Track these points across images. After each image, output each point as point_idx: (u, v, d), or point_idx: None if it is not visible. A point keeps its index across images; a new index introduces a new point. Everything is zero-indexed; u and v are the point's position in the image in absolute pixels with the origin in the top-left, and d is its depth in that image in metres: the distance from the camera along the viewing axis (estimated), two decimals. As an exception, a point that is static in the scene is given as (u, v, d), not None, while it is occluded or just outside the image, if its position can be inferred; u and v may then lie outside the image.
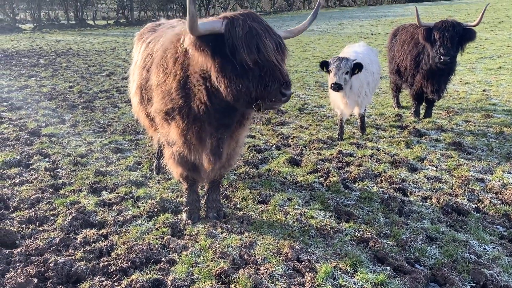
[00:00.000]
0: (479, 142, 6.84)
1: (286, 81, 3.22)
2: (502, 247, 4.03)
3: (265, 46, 3.18)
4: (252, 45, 3.16)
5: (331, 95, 6.96)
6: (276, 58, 3.22)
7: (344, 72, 6.12)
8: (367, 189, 5.28)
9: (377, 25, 31.97)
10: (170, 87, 3.76)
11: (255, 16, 3.33)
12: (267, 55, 3.18)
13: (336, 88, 6.06)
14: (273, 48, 3.21)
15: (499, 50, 16.82)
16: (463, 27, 7.19)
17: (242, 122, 3.93)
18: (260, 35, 3.19)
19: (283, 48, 3.31)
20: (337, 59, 6.17)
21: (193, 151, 3.96)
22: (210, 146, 3.79)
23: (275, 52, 3.22)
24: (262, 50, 3.18)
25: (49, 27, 37.35)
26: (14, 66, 15.62)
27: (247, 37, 3.17)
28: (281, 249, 3.94)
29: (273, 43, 3.23)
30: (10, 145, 6.83)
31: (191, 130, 3.79)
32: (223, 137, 3.78)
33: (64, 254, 3.89)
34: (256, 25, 3.22)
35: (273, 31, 3.33)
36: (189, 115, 3.73)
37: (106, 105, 9.77)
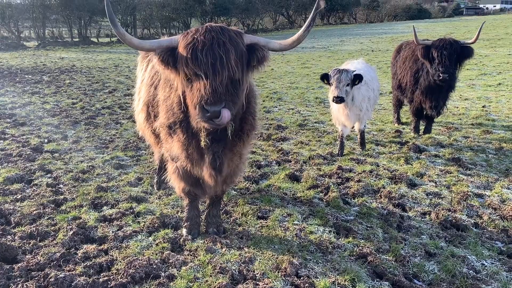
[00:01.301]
0: (478, 158, 6.87)
1: (207, 97, 3.13)
2: (501, 262, 4.04)
3: (197, 60, 3.16)
4: (185, 58, 3.21)
5: (333, 109, 7.03)
6: (206, 73, 3.15)
7: (345, 85, 6.19)
8: (367, 204, 5.31)
9: (378, 42, 32.28)
10: (173, 101, 3.84)
11: (213, 29, 3.27)
12: (195, 69, 3.17)
13: (338, 100, 6.14)
14: (206, 62, 3.14)
15: (499, 66, 16.96)
16: (460, 44, 7.31)
17: (241, 137, 3.89)
18: (196, 48, 3.18)
19: (224, 64, 3.16)
20: (337, 72, 6.23)
21: (195, 165, 3.99)
22: (208, 160, 3.80)
23: (209, 67, 3.14)
24: (190, 63, 3.18)
25: (53, 44, 37.79)
26: (18, 83, 15.78)
27: (186, 49, 3.22)
28: (280, 265, 3.95)
29: (211, 56, 3.15)
30: (13, 161, 6.89)
31: (191, 144, 3.83)
32: (219, 151, 3.76)
33: (65, 269, 3.91)
34: (202, 38, 3.19)
35: (224, 45, 3.20)
36: (188, 129, 3.77)
37: (109, 121, 9.86)
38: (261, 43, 3.50)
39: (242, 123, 3.84)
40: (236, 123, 3.71)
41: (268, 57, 3.48)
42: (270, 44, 3.56)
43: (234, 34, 3.33)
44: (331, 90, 6.29)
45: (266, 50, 3.48)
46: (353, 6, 70.14)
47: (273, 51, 3.58)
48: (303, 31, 3.55)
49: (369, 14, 73.49)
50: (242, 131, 3.89)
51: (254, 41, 3.49)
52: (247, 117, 3.87)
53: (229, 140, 3.73)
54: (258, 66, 3.49)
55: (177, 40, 3.39)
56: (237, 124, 3.73)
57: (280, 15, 62.51)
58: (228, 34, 3.28)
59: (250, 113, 3.93)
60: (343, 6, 67.76)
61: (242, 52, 3.32)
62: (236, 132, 3.78)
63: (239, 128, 3.83)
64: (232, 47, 3.23)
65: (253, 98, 4.03)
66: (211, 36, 3.21)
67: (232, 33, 3.32)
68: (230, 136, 3.60)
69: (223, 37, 3.22)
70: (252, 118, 3.95)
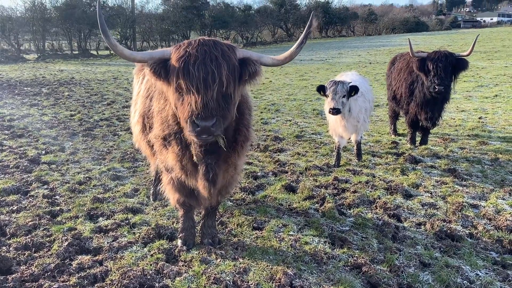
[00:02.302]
0: (474, 168, 6.90)
1: (198, 111, 3.13)
2: (495, 272, 4.04)
3: (188, 74, 3.17)
4: (177, 71, 3.23)
5: (330, 120, 7.07)
6: (198, 87, 3.15)
7: (341, 96, 6.23)
8: (362, 215, 5.32)
9: (375, 54, 32.50)
10: (168, 113, 3.84)
11: (205, 43, 3.29)
12: (186, 83, 3.18)
13: (334, 112, 6.17)
14: (197, 76, 3.14)
15: (495, 78, 17.07)
16: (455, 57, 7.37)
17: (235, 148, 3.90)
18: (188, 62, 3.19)
19: (215, 78, 3.16)
20: (333, 83, 6.27)
21: (189, 176, 4.00)
22: (202, 172, 3.80)
23: (200, 81, 3.14)
24: (182, 76, 3.19)
25: (52, 57, 37.97)
26: (17, 95, 15.84)
27: (178, 62, 3.23)
28: (275, 275, 3.95)
29: (203, 70, 3.16)
30: (10, 173, 6.90)
31: (185, 155, 3.84)
32: (212, 162, 3.75)
33: (59, 280, 3.91)
34: (195, 52, 3.21)
35: (216, 59, 3.21)
36: (182, 141, 3.78)
37: (106, 133, 9.88)
38: (254, 57, 3.52)
39: (236, 134, 3.85)
40: (230, 134, 3.71)
41: (260, 72, 3.49)
42: (262, 59, 3.57)
43: (226, 48, 3.34)
44: (327, 101, 6.33)
45: (258, 65, 3.49)
46: (351, 19, 70.75)
47: (265, 66, 3.59)
48: (296, 48, 3.58)
49: (367, 27, 74.16)
50: (236, 142, 3.89)
51: (246, 55, 3.51)
52: (240, 128, 3.88)
53: (222, 151, 3.73)
54: (250, 81, 3.50)
55: (169, 52, 3.41)
56: (230, 136, 3.74)
57: (278, 28, 62.97)
58: (221, 48, 3.29)
59: (244, 124, 3.93)
60: (341, 19, 68.43)
61: (234, 67, 3.32)
62: (230, 143, 3.78)
63: (233, 140, 3.83)
64: (224, 61, 3.24)
65: (247, 110, 4.03)
66: (204, 50, 3.22)
67: (225, 47, 3.33)
68: (224, 147, 3.59)
69: (215, 51, 3.23)
70: (246, 130, 3.96)
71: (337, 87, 6.20)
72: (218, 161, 3.80)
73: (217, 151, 3.69)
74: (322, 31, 68.50)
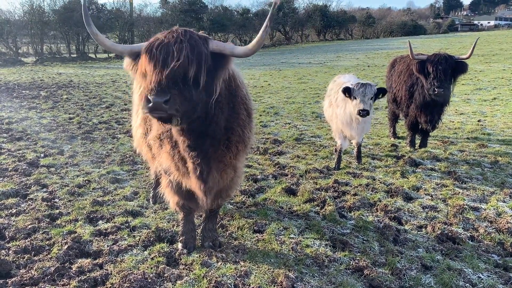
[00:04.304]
0: (474, 171, 6.90)
1: (151, 87, 3.14)
2: (497, 275, 4.03)
3: (151, 54, 3.21)
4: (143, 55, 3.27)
5: (335, 121, 7.04)
6: (155, 67, 3.18)
7: (370, 98, 6.26)
8: (363, 218, 5.30)
9: (374, 57, 32.56)
10: None
11: (176, 30, 3.34)
12: (146, 64, 3.23)
13: (364, 114, 6.19)
14: (158, 56, 3.18)
15: (494, 81, 17.11)
16: (455, 60, 7.38)
17: (228, 147, 3.89)
18: (153, 46, 3.25)
19: (174, 58, 3.16)
20: (361, 85, 6.28)
21: (185, 177, 3.99)
22: (191, 169, 3.79)
23: (160, 60, 3.17)
24: (144, 58, 3.25)
25: (51, 60, 37.88)
26: (15, 98, 15.80)
27: (145, 48, 3.28)
28: (276, 278, 3.93)
29: (164, 52, 3.19)
30: (8, 176, 6.87)
31: (176, 153, 3.86)
32: (198, 159, 3.73)
33: (59, 283, 3.88)
34: (162, 37, 3.28)
35: (180, 42, 3.23)
36: (172, 138, 3.82)
37: (105, 136, 9.86)
38: (227, 49, 3.47)
39: (229, 133, 3.85)
40: (217, 131, 3.73)
41: (230, 63, 3.51)
42: (235, 50, 3.51)
43: (197, 36, 3.35)
44: (355, 103, 6.30)
45: (230, 58, 3.49)
46: (349, 23, 70.89)
47: (238, 56, 3.53)
48: (261, 33, 3.46)
49: (365, 30, 74.35)
50: (229, 141, 3.88)
51: (220, 47, 3.48)
52: (234, 128, 3.87)
53: (209, 149, 3.74)
54: (222, 71, 3.48)
55: None
56: (218, 133, 3.75)
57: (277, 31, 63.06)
58: (190, 34, 3.30)
59: (239, 124, 3.92)
60: (339, 22, 68.55)
61: (201, 52, 3.27)
62: (222, 141, 3.81)
63: (225, 138, 3.84)
64: (189, 45, 3.23)
65: (243, 111, 4.01)
66: (171, 35, 3.26)
67: (195, 35, 3.34)
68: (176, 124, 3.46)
69: (182, 37, 3.25)
70: (241, 130, 3.94)
71: (365, 89, 6.23)
72: (207, 158, 3.78)
73: (200, 147, 3.70)
74: (320, 34, 68.64)
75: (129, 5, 47.68)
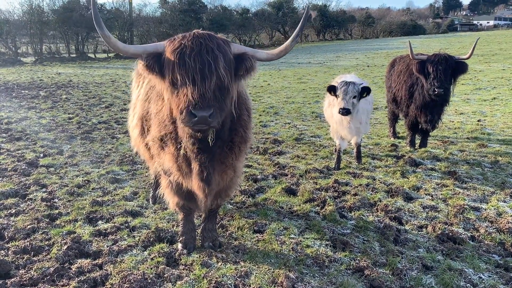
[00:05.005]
0: (474, 171, 6.89)
1: (195, 101, 3.09)
2: (498, 275, 4.02)
3: (184, 65, 3.14)
4: (172, 63, 3.20)
5: (332, 122, 7.02)
6: (194, 78, 3.12)
7: (352, 97, 6.20)
8: (363, 218, 5.29)
9: (373, 57, 32.55)
10: (164, 114, 3.82)
11: (201, 35, 3.27)
12: (183, 74, 3.15)
13: (344, 112, 6.14)
14: (194, 67, 3.12)
15: (493, 81, 17.12)
16: (455, 60, 7.37)
17: (231, 148, 3.88)
18: (184, 53, 3.16)
19: (212, 70, 3.15)
20: (344, 84, 6.24)
21: (186, 177, 3.97)
22: (196, 171, 3.76)
23: (197, 72, 3.12)
24: (177, 68, 3.16)
25: (50, 60, 37.80)
26: (15, 98, 15.77)
27: (173, 54, 3.20)
28: (276, 279, 3.92)
29: (199, 61, 3.14)
30: (8, 176, 6.85)
31: (180, 155, 3.82)
32: (206, 161, 3.70)
33: (58, 284, 3.87)
34: (190, 44, 3.19)
35: (212, 51, 3.19)
36: (177, 140, 3.77)
37: (105, 136, 9.84)
38: (249, 53, 3.51)
39: (232, 134, 3.83)
40: (225, 133, 3.71)
41: (255, 67, 3.48)
42: (257, 54, 3.56)
43: (222, 41, 3.34)
44: (338, 102, 6.29)
45: (254, 60, 3.48)
46: (349, 22, 70.88)
47: (260, 60, 3.57)
48: (291, 41, 3.57)
49: (364, 30, 74.33)
50: (232, 143, 3.87)
51: (242, 50, 3.50)
52: (237, 129, 3.86)
53: (217, 150, 3.72)
54: (246, 75, 3.49)
55: (163, 45, 3.39)
56: (226, 135, 3.74)
57: (276, 31, 63.03)
58: (216, 41, 3.28)
59: (241, 125, 3.91)
60: (338, 22, 68.54)
61: (230, 60, 3.32)
62: (226, 143, 3.78)
63: (229, 139, 3.82)
64: (221, 53, 3.23)
65: (245, 111, 4.01)
66: (199, 42, 3.20)
67: (220, 41, 3.33)
68: (211, 143, 3.53)
69: (211, 44, 3.22)
70: (243, 131, 3.93)
71: (348, 88, 6.18)
72: (213, 161, 3.76)
73: (210, 149, 3.65)
74: (319, 34, 68.63)
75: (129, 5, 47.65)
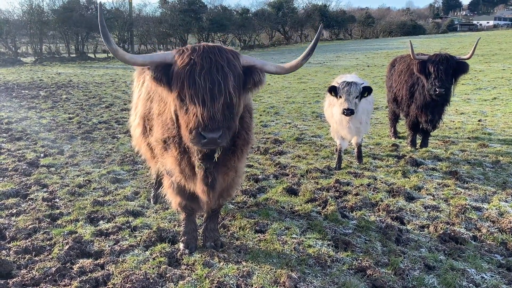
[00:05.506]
0: (476, 171, 6.88)
1: (205, 124, 3.10)
2: (501, 275, 4.02)
3: (194, 84, 3.11)
4: (181, 79, 3.16)
5: (333, 122, 7.01)
6: (204, 98, 3.10)
7: (355, 97, 6.20)
8: (365, 218, 5.29)
9: (373, 57, 32.54)
10: (167, 116, 3.80)
11: (210, 50, 3.22)
12: (192, 93, 3.12)
13: (348, 113, 6.12)
14: (204, 87, 3.09)
15: (494, 81, 17.11)
16: (456, 60, 7.37)
17: (234, 152, 3.87)
18: (194, 71, 3.13)
19: (222, 90, 3.13)
20: (346, 84, 6.22)
21: (188, 180, 3.97)
22: (200, 176, 3.75)
23: (207, 92, 3.09)
24: (187, 86, 3.13)
25: (50, 60, 37.77)
26: (15, 98, 15.76)
27: (182, 70, 3.17)
28: (279, 278, 3.91)
29: (209, 80, 3.11)
30: (8, 176, 6.84)
31: (184, 159, 3.81)
32: (211, 167, 3.69)
33: (60, 284, 3.86)
34: (200, 60, 3.15)
35: (222, 69, 3.16)
36: (180, 144, 3.74)
37: (105, 136, 9.83)
38: (258, 65, 3.47)
39: (235, 137, 3.80)
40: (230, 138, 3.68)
41: (264, 81, 3.45)
42: (266, 67, 3.52)
43: (231, 56, 3.29)
44: (340, 102, 6.26)
45: (263, 74, 3.45)
46: (349, 22, 70.86)
47: (269, 73, 3.55)
48: (302, 60, 3.56)
49: (364, 30, 74.31)
50: (235, 146, 3.85)
51: (250, 63, 3.47)
52: (240, 132, 3.83)
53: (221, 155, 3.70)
54: (254, 89, 3.48)
55: (171, 57, 3.34)
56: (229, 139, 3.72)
57: (276, 31, 63.02)
58: (226, 56, 3.24)
59: (244, 127, 3.89)
60: (338, 22, 68.49)
61: (239, 76, 3.31)
62: (229, 146, 3.76)
63: (232, 143, 3.79)
64: (230, 71, 3.20)
65: (247, 113, 3.99)
66: (209, 58, 3.16)
67: (230, 55, 3.28)
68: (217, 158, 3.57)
69: (221, 60, 3.18)
70: (245, 133, 3.92)
71: (350, 88, 6.16)
72: (217, 165, 3.74)
73: (213, 155, 3.64)
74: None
75: (128, 5, 47.63)
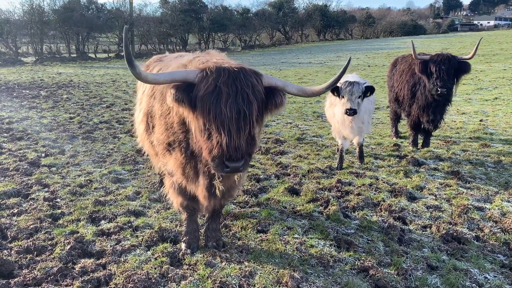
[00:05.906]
0: (478, 171, 6.87)
1: (229, 154, 3.08)
2: (504, 275, 4.01)
3: (221, 114, 3.09)
4: (207, 107, 3.12)
5: (334, 122, 6.99)
6: (228, 127, 3.07)
7: (357, 97, 6.17)
8: (367, 217, 5.27)
9: (374, 57, 32.52)
10: (173, 120, 3.77)
11: (236, 76, 3.17)
12: (217, 122, 3.11)
13: (351, 113, 6.08)
14: (229, 116, 3.07)
15: (495, 81, 17.09)
16: (458, 60, 7.36)
17: None
18: (220, 98, 3.09)
19: (247, 120, 3.12)
20: (349, 84, 6.18)
21: (190, 182, 3.96)
22: (204, 184, 3.76)
23: (232, 123, 3.07)
24: (212, 115, 3.10)
25: (50, 60, 37.80)
26: (16, 98, 15.76)
27: (206, 97, 3.12)
28: (281, 279, 3.90)
29: (235, 110, 3.08)
30: (10, 175, 6.83)
31: (189, 164, 3.81)
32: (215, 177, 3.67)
33: (62, 284, 3.85)
34: (225, 87, 3.10)
35: (247, 97, 3.13)
36: (187, 150, 3.73)
37: (106, 135, 9.82)
38: (280, 86, 3.46)
39: None
40: None
41: (285, 103, 3.44)
42: (287, 88, 3.52)
43: (255, 80, 3.25)
44: (343, 102, 6.23)
45: (285, 96, 3.45)
46: (349, 22, 70.84)
47: (290, 94, 3.56)
48: (326, 87, 3.64)
49: (365, 30, 74.31)
50: None
51: (272, 84, 3.45)
52: None
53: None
54: (274, 111, 3.46)
55: (193, 76, 3.27)
56: None
57: (276, 31, 63.00)
58: (251, 82, 3.19)
59: None
60: (339, 22, 68.49)
61: (262, 101, 3.30)
62: None
63: None
64: (255, 99, 3.18)
65: None
66: (235, 86, 3.12)
67: (254, 80, 3.23)
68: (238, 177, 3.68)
69: (246, 88, 3.14)
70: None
71: (353, 88, 6.12)
72: None
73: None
74: (320, 34, 68.58)
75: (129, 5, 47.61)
